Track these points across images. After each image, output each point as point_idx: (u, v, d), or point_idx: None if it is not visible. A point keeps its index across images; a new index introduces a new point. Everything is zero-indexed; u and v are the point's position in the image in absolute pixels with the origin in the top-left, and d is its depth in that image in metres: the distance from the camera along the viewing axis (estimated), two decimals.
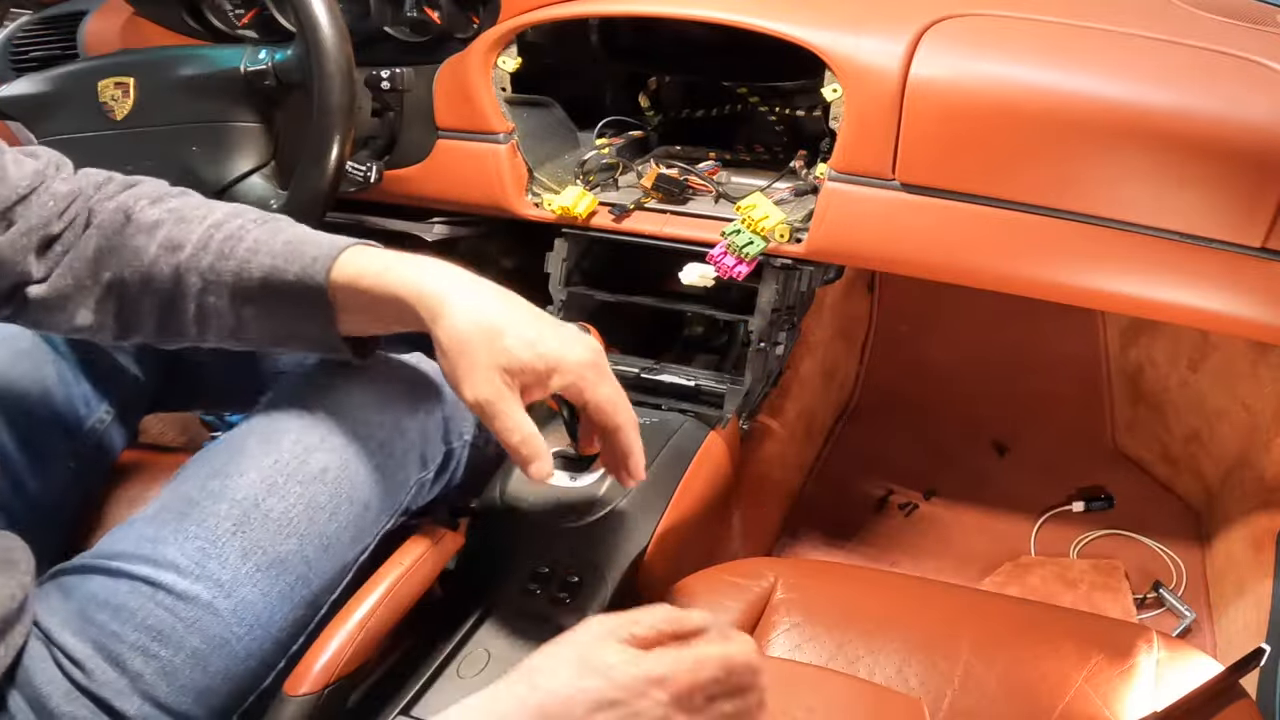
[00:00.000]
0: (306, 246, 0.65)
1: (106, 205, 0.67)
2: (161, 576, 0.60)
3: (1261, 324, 0.79)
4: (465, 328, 0.61)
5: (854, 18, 0.85)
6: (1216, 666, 0.68)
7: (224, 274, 0.65)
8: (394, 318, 0.64)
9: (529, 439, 0.60)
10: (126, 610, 0.59)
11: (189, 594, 0.60)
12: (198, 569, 0.61)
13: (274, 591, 0.63)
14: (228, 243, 0.65)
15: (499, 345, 0.60)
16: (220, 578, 0.61)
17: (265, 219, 0.68)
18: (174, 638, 0.59)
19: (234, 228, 0.66)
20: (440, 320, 0.61)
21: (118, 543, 0.64)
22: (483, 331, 0.61)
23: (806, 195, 0.94)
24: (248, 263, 0.65)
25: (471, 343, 0.60)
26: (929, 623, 0.74)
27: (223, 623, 0.61)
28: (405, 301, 0.62)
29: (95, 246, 0.66)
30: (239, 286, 0.65)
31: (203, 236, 0.66)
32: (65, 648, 0.58)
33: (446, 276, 0.63)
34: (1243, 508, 1.17)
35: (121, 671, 0.58)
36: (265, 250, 0.65)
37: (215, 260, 0.65)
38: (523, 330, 0.61)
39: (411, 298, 0.62)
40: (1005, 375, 1.44)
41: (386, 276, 0.63)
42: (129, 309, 0.67)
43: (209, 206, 0.69)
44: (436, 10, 0.95)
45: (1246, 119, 0.72)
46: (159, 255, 0.65)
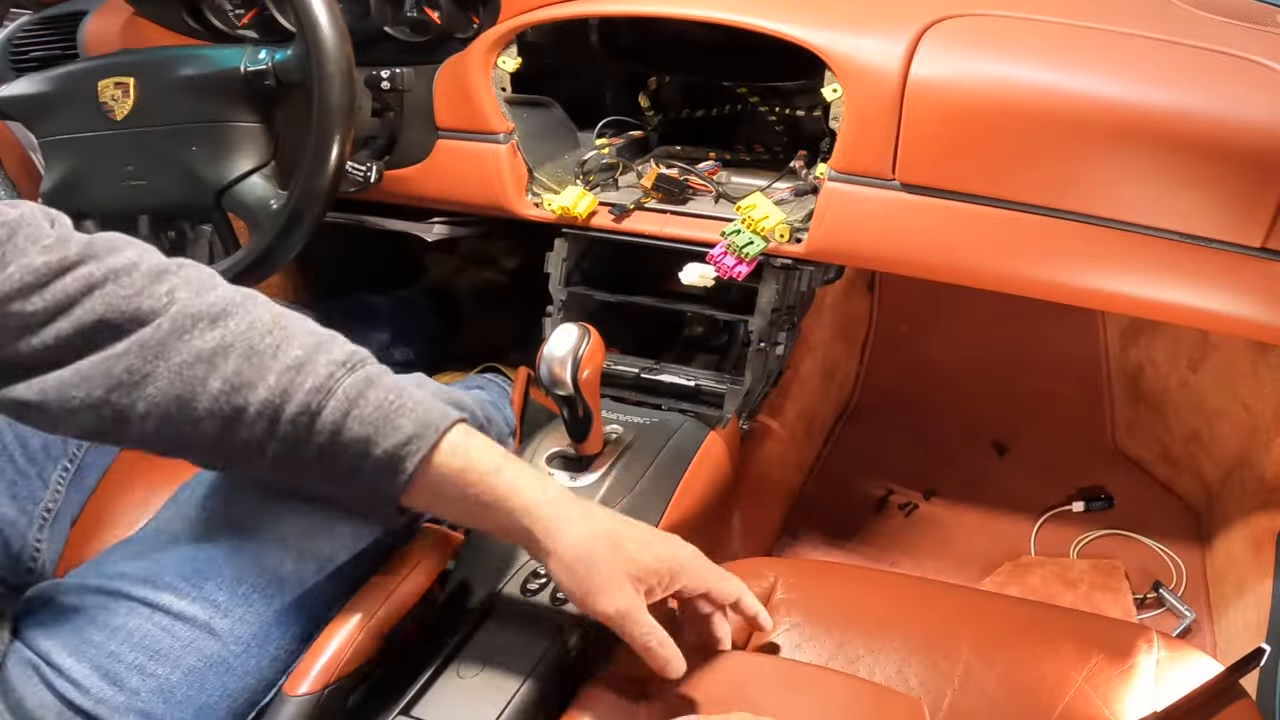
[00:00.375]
0: (402, 418, 0.58)
1: (140, 304, 0.56)
2: (159, 597, 0.61)
3: (1261, 324, 0.79)
4: (588, 541, 0.60)
5: (854, 18, 0.85)
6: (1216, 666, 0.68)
7: (303, 434, 0.57)
8: (478, 518, 0.61)
9: (665, 641, 0.61)
10: (124, 630, 0.60)
11: (186, 614, 0.60)
12: (195, 590, 0.61)
13: (271, 611, 0.63)
14: (314, 395, 0.57)
15: (623, 554, 0.61)
16: (217, 598, 0.61)
17: (354, 362, 0.59)
18: (171, 656, 0.59)
19: (321, 377, 0.57)
20: (559, 535, 0.60)
21: (115, 563, 0.64)
22: (606, 543, 0.61)
23: (806, 195, 0.94)
24: (336, 428, 0.57)
25: (597, 554, 0.60)
26: (929, 623, 0.74)
27: (220, 642, 0.61)
28: (511, 512, 0.60)
29: (128, 368, 0.56)
30: (313, 453, 0.58)
31: (281, 380, 0.57)
32: (61, 667, 0.58)
33: (553, 489, 0.62)
34: (1243, 508, 1.17)
35: (119, 689, 0.58)
36: (355, 416, 0.57)
37: (298, 413, 0.57)
38: (639, 537, 0.63)
39: (520, 510, 0.60)
40: (1005, 375, 1.44)
41: (494, 478, 0.60)
42: (171, 444, 0.59)
43: (281, 330, 0.59)
44: (436, 10, 0.95)
45: (1246, 119, 0.72)
46: (222, 395, 0.56)
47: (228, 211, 0.95)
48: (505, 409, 1.07)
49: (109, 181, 0.96)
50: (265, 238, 0.89)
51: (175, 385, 0.56)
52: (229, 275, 0.90)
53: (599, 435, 0.83)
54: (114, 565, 0.63)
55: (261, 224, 0.90)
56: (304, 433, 0.57)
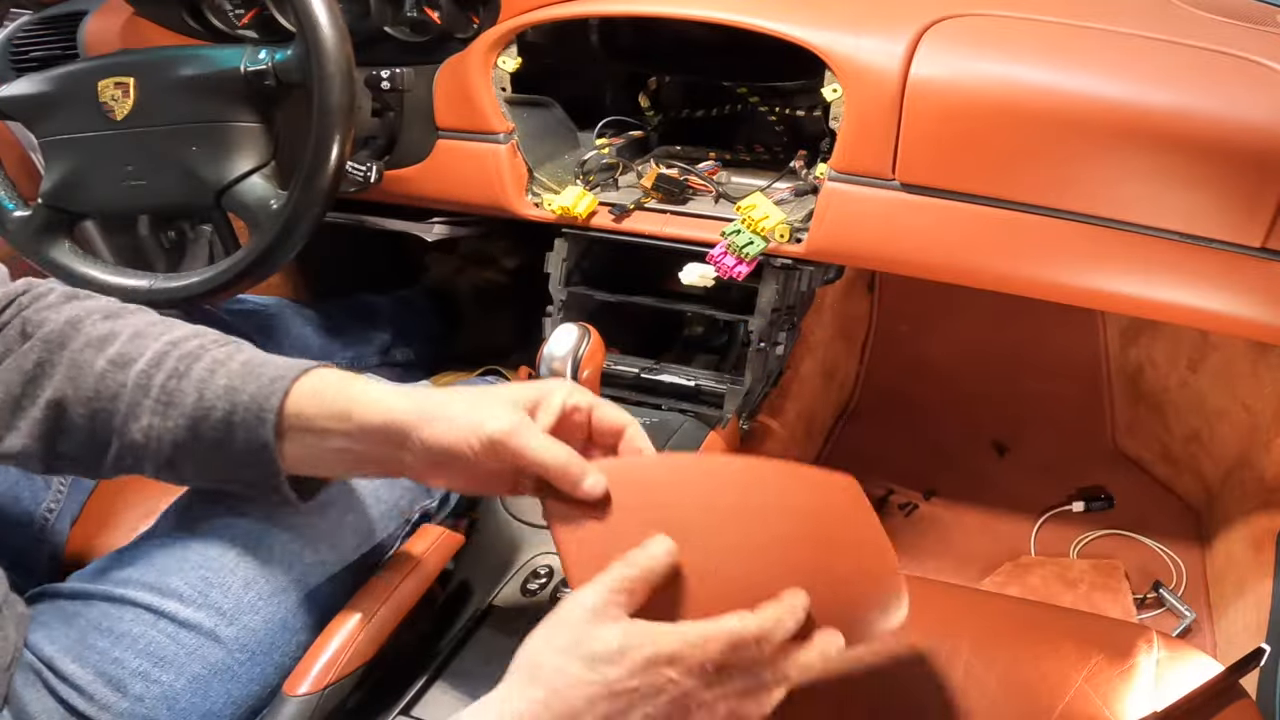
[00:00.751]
0: (266, 369, 0.60)
1: (51, 316, 0.62)
2: (164, 605, 0.61)
3: (1261, 324, 0.79)
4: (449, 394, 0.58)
5: (854, 18, 0.85)
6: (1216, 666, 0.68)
7: (174, 394, 0.59)
8: (353, 453, 0.58)
9: (571, 454, 0.54)
10: (129, 637, 0.60)
11: (191, 622, 0.61)
12: (200, 598, 0.61)
13: (276, 619, 0.63)
14: (183, 361, 0.60)
15: (493, 392, 0.58)
16: (223, 606, 0.62)
17: (226, 341, 0.63)
18: (176, 663, 0.60)
19: (192, 347, 0.61)
20: (426, 411, 0.57)
21: (121, 568, 0.64)
22: (472, 391, 0.58)
23: (806, 195, 0.94)
24: (202, 382, 0.59)
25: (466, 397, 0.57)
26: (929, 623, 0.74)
27: (224, 649, 0.61)
28: (371, 414, 0.57)
29: (35, 360, 0.60)
30: (188, 408, 0.59)
31: (157, 353, 0.61)
32: (65, 674, 0.58)
33: (416, 390, 0.60)
34: (1243, 508, 1.17)
35: (123, 695, 0.58)
36: (222, 371, 0.60)
37: (167, 379, 0.59)
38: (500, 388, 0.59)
39: (381, 409, 0.57)
40: (1005, 375, 1.44)
41: (352, 389, 0.59)
42: (66, 434, 0.61)
43: (168, 324, 0.64)
44: (436, 10, 0.95)
45: (1246, 119, 0.72)
46: (106, 371, 0.60)
47: (228, 211, 0.95)
48: None
49: (109, 181, 0.96)
50: (265, 238, 0.89)
51: (70, 370, 0.60)
52: (229, 275, 0.90)
53: None
54: (119, 571, 0.63)
55: (261, 224, 0.90)
56: (174, 396, 0.59)
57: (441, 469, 0.57)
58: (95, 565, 0.66)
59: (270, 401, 0.58)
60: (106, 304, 0.65)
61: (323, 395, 0.58)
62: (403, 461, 0.58)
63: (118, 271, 0.97)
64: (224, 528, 0.64)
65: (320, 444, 0.59)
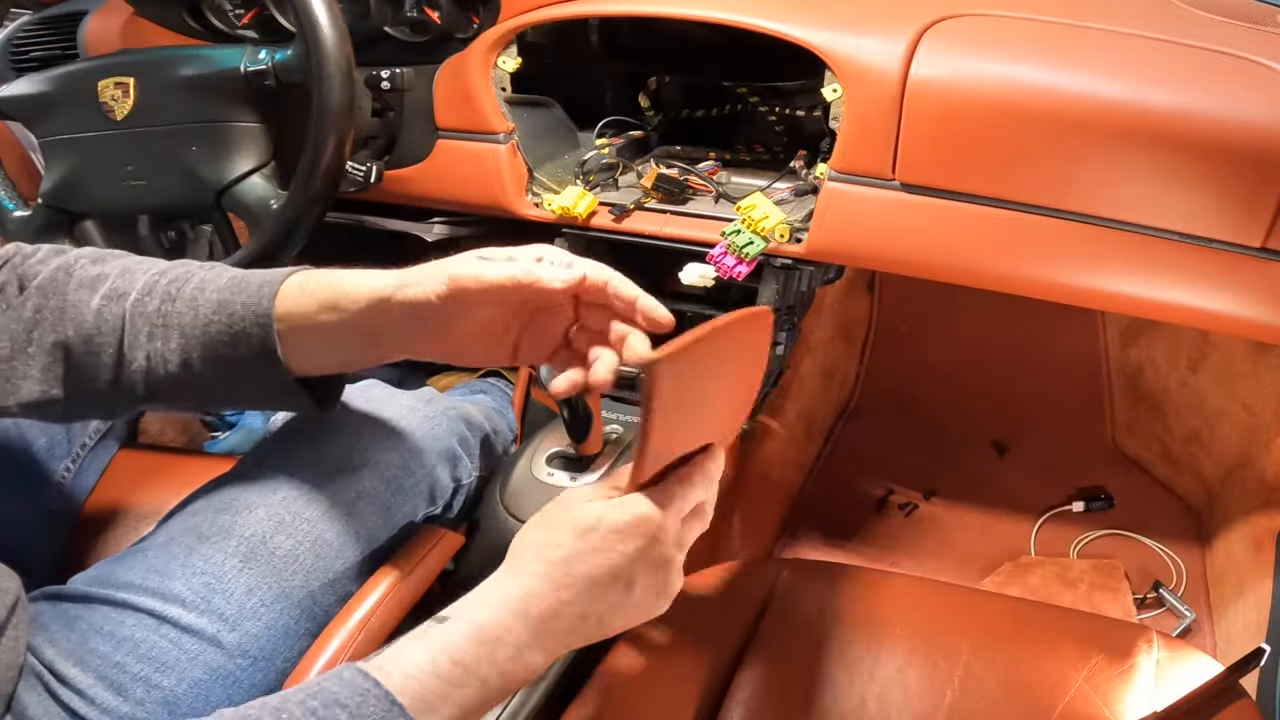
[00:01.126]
0: (252, 278, 0.63)
1: (42, 269, 0.65)
2: (167, 610, 0.61)
3: (1261, 324, 0.79)
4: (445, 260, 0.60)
5: (854, 18, 0.85)
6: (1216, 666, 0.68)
7: (170, 316, 0.62)
8: (353, 333, 0.60)
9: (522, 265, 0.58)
10: (130, 641, 0.60)
11: (194, 627, 0.61)
12: (203, 603, 0.62)
13: (278, 625, 0.63)
14: (174, 285, 0.63)
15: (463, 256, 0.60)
16: (225, 612, 0.62)
17: (213, 266, 0.66)
18: (177, 668, 0.60)
19: (180, 273, 0.64)
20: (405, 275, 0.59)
21: (124, 572, 0.64)
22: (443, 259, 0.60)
23: (806, 195, 0.93)
24: (194, 300, 0.62)
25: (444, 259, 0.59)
26: (929, 623, 0.74)
27: (226, 655, 0.61)
28: (354, 294, 0.59)
29: (33, 307, 0.63)
30: (186, 327, 0.62)
31: (148, 283, 0.64)
32: (66, 677, 0.58)
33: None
34: (1243, 508, 1.17)
35: (124, 699, 0.58)
36: (211, 287, 0.63)
37: (161, 303, 0.62)
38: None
39: (374, 280, 0.60)
40: (1005, 375, 1.45)
41: (342, 274, 0.61)
42: (76, 372, 0.63)
43: (154, 260, 0.67)
44: (436, 10, 0.95)
45: (1246, 119, 0.72)
46: (102, 306, 0.63)
47: (228, 211, 0.95)
48: (508, 414, 1.08)
49: (109, 181, 0.96)
50: (265, 238, 0.89)
51: (68, 311, 0.62)
52: None
53: (599, 435, 0.83)
54: (122, 575, 0.63)
55: (261, 224, 0.90)
56: (170, 319, 0.62)
57: (420, 331, 0.59)
58: (97, 568, 0.66)
59: (263, 305, 0.60)
60: (92, 250, 0.67)
61: (308, 289, 0.61)
62: (389, 338, 0.60)
63: None
64: (227, 533, 0.64)
65: (313, 337, 0.61)
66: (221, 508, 0.66)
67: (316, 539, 0.66)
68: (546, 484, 0.82)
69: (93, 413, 0.67)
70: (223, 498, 0.67)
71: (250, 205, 0.92)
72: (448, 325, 0.59)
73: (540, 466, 0.84)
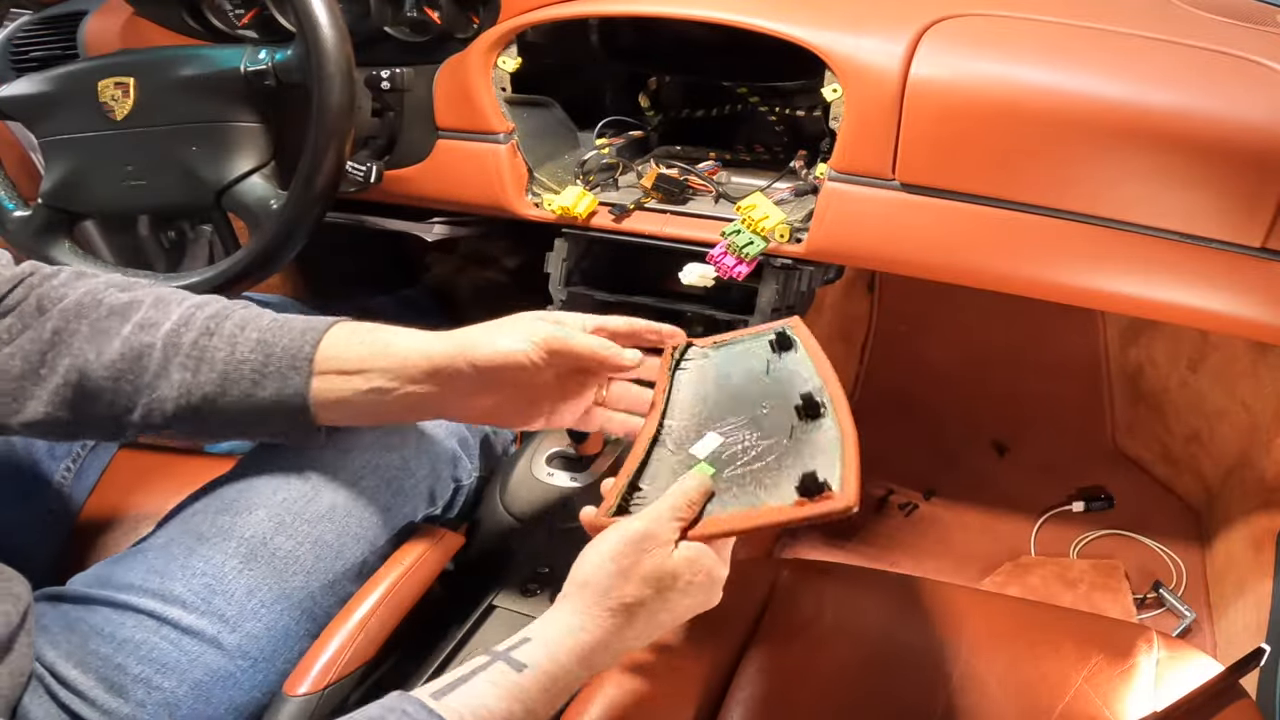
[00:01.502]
0: (295, 321, 0.64)
1: (68, 292, 0.65)
2: (167, 611, 0.61)
3: (1261, 324, 0.79)
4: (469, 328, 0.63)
5: (854, 18, 0.85)
6: (1216, 666, 0.68)
7: (206, 350, 0.62)
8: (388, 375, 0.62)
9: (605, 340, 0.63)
10: (131, 643, 0.60)
11: (194, 628, 0.61)
12: (204, 604, 0.62)
13: (279, 626, 0.63)
14: (213, 320, 0.63)
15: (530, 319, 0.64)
16: (226, 613, 0.62)
17: (249, 304, 0.66)
18: (178, 670, 0.60)
19: (219, 308, 0.64)
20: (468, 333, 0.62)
21: (124, 573, 0.64)
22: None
23: (806, 195, 0.94)
24: (233, 338, 0.62)
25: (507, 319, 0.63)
26: (929, 623, 0.74)
27: (227, 656, 0.61)
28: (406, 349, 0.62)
29: (53, 329, 0.63)
30: (219, 362, 0.62)
31: (184, 314, 0.63)
32: (67, 679, 0.58)
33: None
34: (1243, 508, 1.17)
35: (124, 701, 0.58)
36: (253, 327, 0.63)
37: (199, 336, 0.62)
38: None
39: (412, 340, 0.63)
40: (1005, 375, 1.44)
41: (383, 330, 0.64)
42: (90, 397, 0.62)
43: (185, 292, 0.67)
44: (436, 10, 0.95)
45: (1246, 119, 0.72)
46: (132, 335, 0.62)
47: (228, 211, 0.95)
48: None
49: (109, 181, 0.96)
50: (265, 238, 0.89)
51: (93, 337, 0.62)
52: (229, 275, 0.90)
53: (599, 435, 0.83)
54: (122, 576, 0.63)
55: (261, 224, 0.90)
56: (206, 353, 0.62)
57: (491, 387, 0.62)
58: (97, 568, 0.66)
59: (304, 350, 0.61)
60: (119, 278, 0.68)
61: (357, 337, 0.63)
62: (441, 393, 0.61)
63: (118, 271, 0.97)
64: (227, 534, 0.64)
65: (349, 384, 0.62)
66: (222, 509, 0.66)
67: (317, 540, 0.66)
68: (546, 484, 0.82)
69: (98, 436, 0.67)
70: (223, 499, 0.67)
71: (250, 205, 0.92)
72: (520, 382, 0.62)
73: (540, 466, 0.84)
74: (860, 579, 0.80)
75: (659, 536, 0.53)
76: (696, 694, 0.69)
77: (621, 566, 0.52)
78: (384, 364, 0.61)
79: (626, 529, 0.53)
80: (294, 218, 0.87)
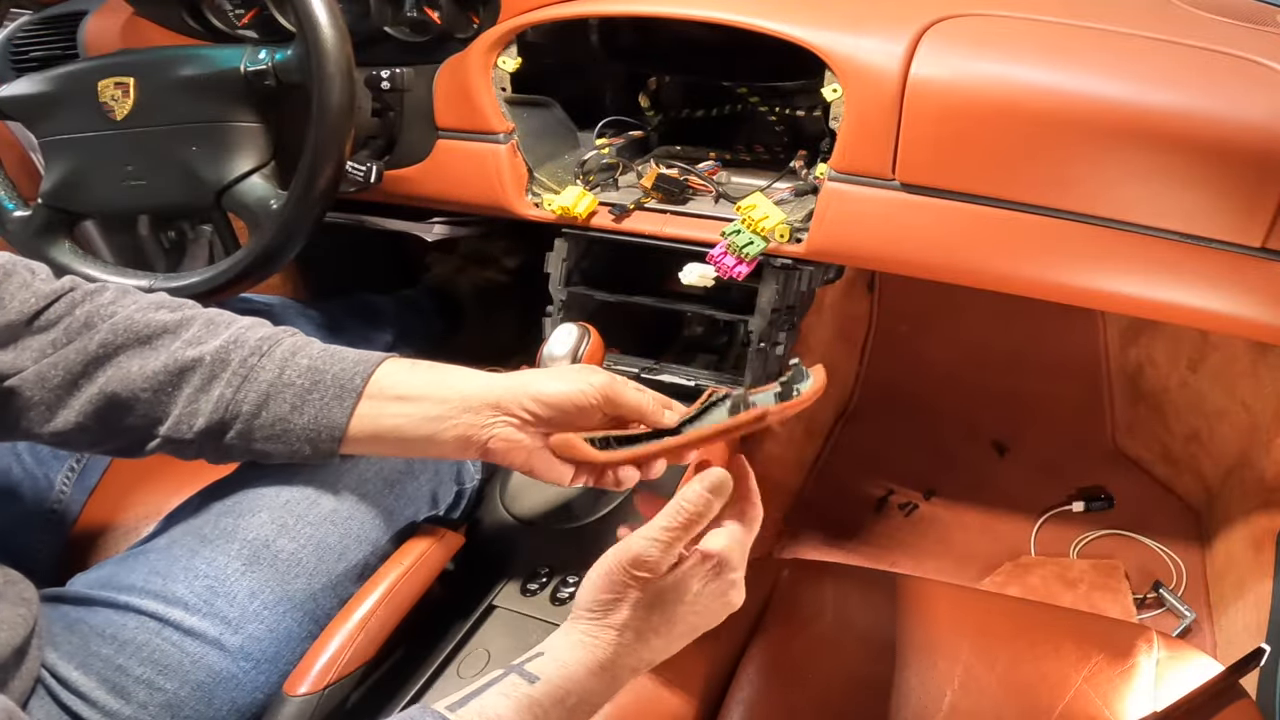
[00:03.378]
0: (348, 353, 0.64)
1: (116, 309, 0.64)
2: (169, 613, 0.61)
3: (1261, 324, 0.79)
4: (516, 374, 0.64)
5: (854, 18, 0.85)
6: (1216, 666, 0.69)
7: (255, 369, 0.62)
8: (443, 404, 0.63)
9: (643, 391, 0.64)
10: (133, 645, 0.60)
11: (196, 630, 0.61)
12: (206, 606, 0.62)
13: (281, 628, 0.63)
14: (264, 342, 0.64)
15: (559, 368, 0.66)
16: (228, 615, 0.62)
17: (295, 332, 0.66)
18: (179, 671, 0.60)
19: (270, 332, 0.65)
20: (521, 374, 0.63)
21: (126, 575, 0.64)
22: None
23: (806, 195, 0.93)
24: (284, 362, 0.63)
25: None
26: (929, 623, 0.74)
27: (229, 658, 0.61)
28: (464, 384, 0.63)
29: (100, 342, 0.63)
30: (265, 383, 0.62)
31: (234, 335, 0.64)
32: (68, 681, 0.58)
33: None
34: (1243, 508, 1.17)
35: (126, 702, 0.58)
36: (304, 354, 0.64)
37: (249, 355, 0.63)
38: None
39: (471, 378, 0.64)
40: (1005, 375, 1.45)
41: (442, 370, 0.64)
42: (119, 410, 0.63)
43: (234, 315, 0.67)
44: (436, 10, 0.95)
45: (1246, 119, 0.72)
46: (179, 349, 0.63)
47: (228, 211, 0.95)
48: None
49: (109, 181, 0.96)
50: (265, 238, 0.89)
51: (140, 352, 0.63)
52: (229, 275, 0.90)
53: None
54: (124, 577, 0.63)
55: (261, 224, 0.90)
56: (254, 371, 0.62)
57: (543, 424, 0.62)
58: (98, 570, 0.66)
59: (355, 381, 0.62)
60: (167, 297, 0.68)
61: (417, 370, 0.64)
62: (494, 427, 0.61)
63: (118, 271, 0.97)
64: (230, 536, 0.64)
65: (403, 409, 0.62)
66: (224, 510, 0.66)
67: (319, 542, 0.66)
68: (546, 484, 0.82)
69: (117, 449, 0.66)
70: (225, 500, 0.67)
71: (250, 205, 0.92)
72: (555, 428, 0.63)
73: None
74: (860, 579, 0.80)
75: (650, 560, 0.53)
76: (697, 693, 0.69)
77: (616, 594, 0.53)
78: (444, 393, 0.62)
79: (620, 552, 0.54)
80: (294, 218, 0.87)
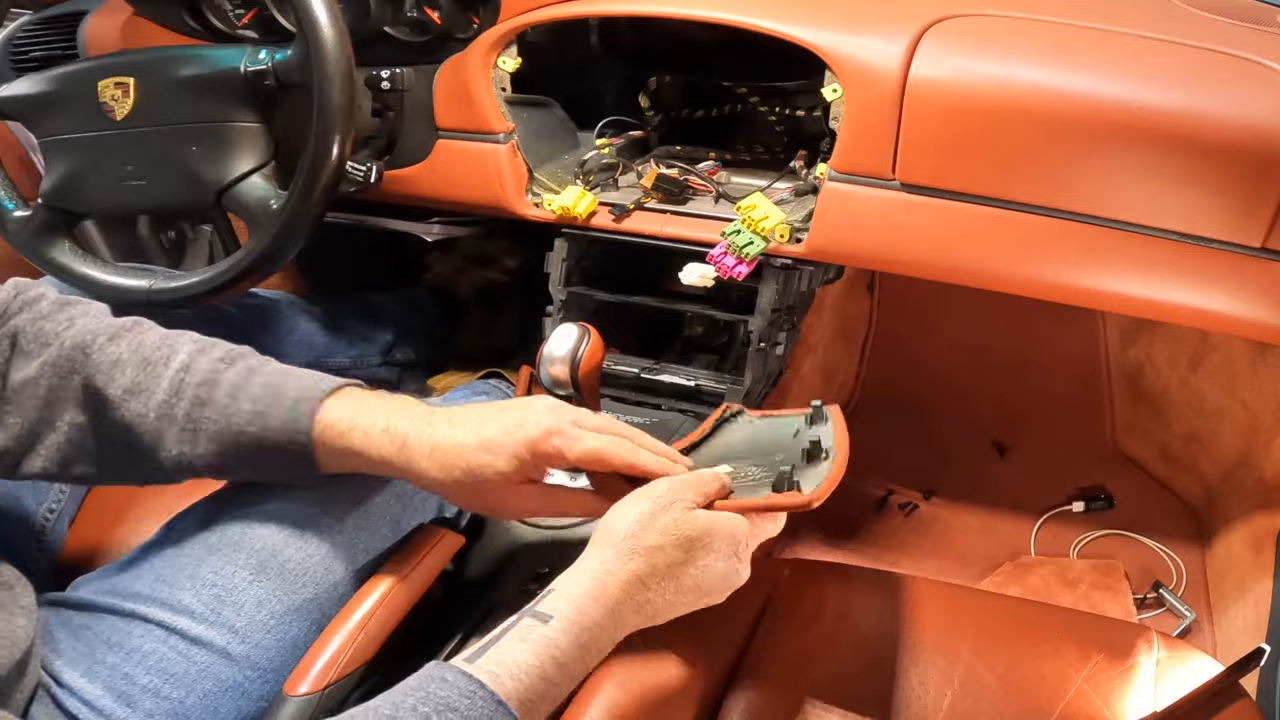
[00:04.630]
0: (288, 389, 0.64)
1: (48, 328, 0.64)
2: (176, 621, 0.61)
3: (1261, 324, 0.79)
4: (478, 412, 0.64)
5: (854, 18, 0.85)
6: (1216, 666, 0.69)
7: (201, 422, 0.63)
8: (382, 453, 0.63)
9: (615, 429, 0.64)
10: (139, 653, 0.60)
11: (203, 639, 0.61)
12: (213, 615, 0.61)
13: (288, 638, 0.63)
14: (202, 388, 0.63)
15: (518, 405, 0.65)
16: (235, 624, 0.61)
17: (233, 358, 0.66)
18: (186, 680, 0.59)
19: (206, 374, 0.64)
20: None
21: (131, 582, 0.64)
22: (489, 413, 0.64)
23: (806, 195, 0.94)
24: (226, 409, 0.63)
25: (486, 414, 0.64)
26: (929, 623, 0.74)
27: (235, 667, 0.61)
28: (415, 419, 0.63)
29: (49, 387, 0.63)
30: (217, 434, 0.63)
31: (173, 382, 0.63)
32: (73, 688, 0.58)
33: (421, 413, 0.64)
34: (1243, 508, 1.17)
35: (132, 710, 0.58)
36: (245, 396, 0.63)
37: (191, 407, 0.63)
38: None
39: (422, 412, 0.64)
40: (1005, 375, 1.45)
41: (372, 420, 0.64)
42: (85, 457, 0.64)
43: (169, 345, 0.66)
44: (436, 10, 0.95)
45: (1246, 119, 0.72)
46: (123, 400, 0.63)
47: (228, 211, 0.95)
48: None
49: (109, 181, 0.96)
50: (265, 238, 0.89)
51: (88, 399, 0.63)
52: (229, 275, 0.90)
53: None
54: (129, 584, 0.63)
55: (261, 224, 0.90)
56: (201, 424, 0.63)
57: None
58: (101, 575, 0.66)
59: (300, 424, 0.62)
60: (107, 323, 0.66)
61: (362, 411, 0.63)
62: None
63: (118, 271, 0.97)
64: (237, 545, 0.64)
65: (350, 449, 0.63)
66: (231, 518, 0.66)
67: (326, 552, 0.66)
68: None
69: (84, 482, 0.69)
70: (232, 508, 0.67)
71: (250, 205, 0.92)
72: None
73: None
74: (860, 579, 0.80)
75: (681, 498, 0.56)
76: (697, 693, 0.69)
77: (643, 516, 0.56)
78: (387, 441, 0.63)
79: (651, 488, 0.57)
80: (294, 218, 0.87)
